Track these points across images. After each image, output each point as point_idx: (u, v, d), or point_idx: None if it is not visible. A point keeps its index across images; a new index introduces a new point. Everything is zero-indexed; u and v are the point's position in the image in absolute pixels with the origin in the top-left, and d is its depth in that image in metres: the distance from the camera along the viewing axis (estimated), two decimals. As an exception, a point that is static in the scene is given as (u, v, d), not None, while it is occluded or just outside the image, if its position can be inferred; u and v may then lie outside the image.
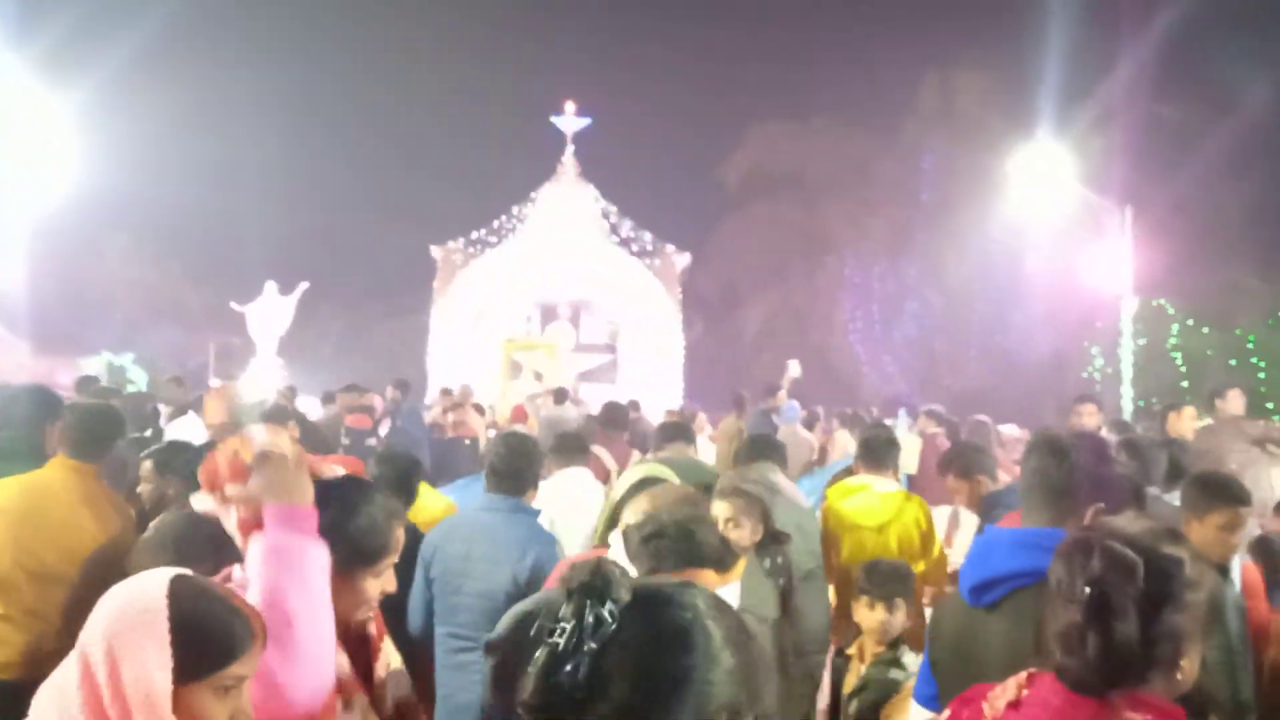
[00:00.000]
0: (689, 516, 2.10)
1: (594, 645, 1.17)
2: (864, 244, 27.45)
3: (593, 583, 1.20)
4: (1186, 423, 6.90)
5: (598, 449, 6.22)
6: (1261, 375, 20.96)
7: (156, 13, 25.65)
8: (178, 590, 1.47)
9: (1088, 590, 1.64)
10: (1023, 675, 1.78)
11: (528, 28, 43.67)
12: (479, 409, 12.08)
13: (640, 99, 35.94)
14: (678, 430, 5.39)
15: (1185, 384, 21.41)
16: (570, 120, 24.02)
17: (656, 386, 22.58)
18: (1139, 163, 22.46)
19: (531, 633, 1.21)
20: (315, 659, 1.69)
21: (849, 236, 27.80)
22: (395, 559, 2.10)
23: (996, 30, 28.47)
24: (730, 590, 2.03)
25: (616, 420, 7.17)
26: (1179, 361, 21.81)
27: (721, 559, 2.01)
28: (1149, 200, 20.33)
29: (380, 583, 2.07)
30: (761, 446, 5.10)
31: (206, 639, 1.46)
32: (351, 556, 1.99)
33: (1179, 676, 1.65)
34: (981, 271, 25.50)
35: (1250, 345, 21.58)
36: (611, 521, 3.33)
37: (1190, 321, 21.98)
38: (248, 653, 1.50)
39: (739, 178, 29.15)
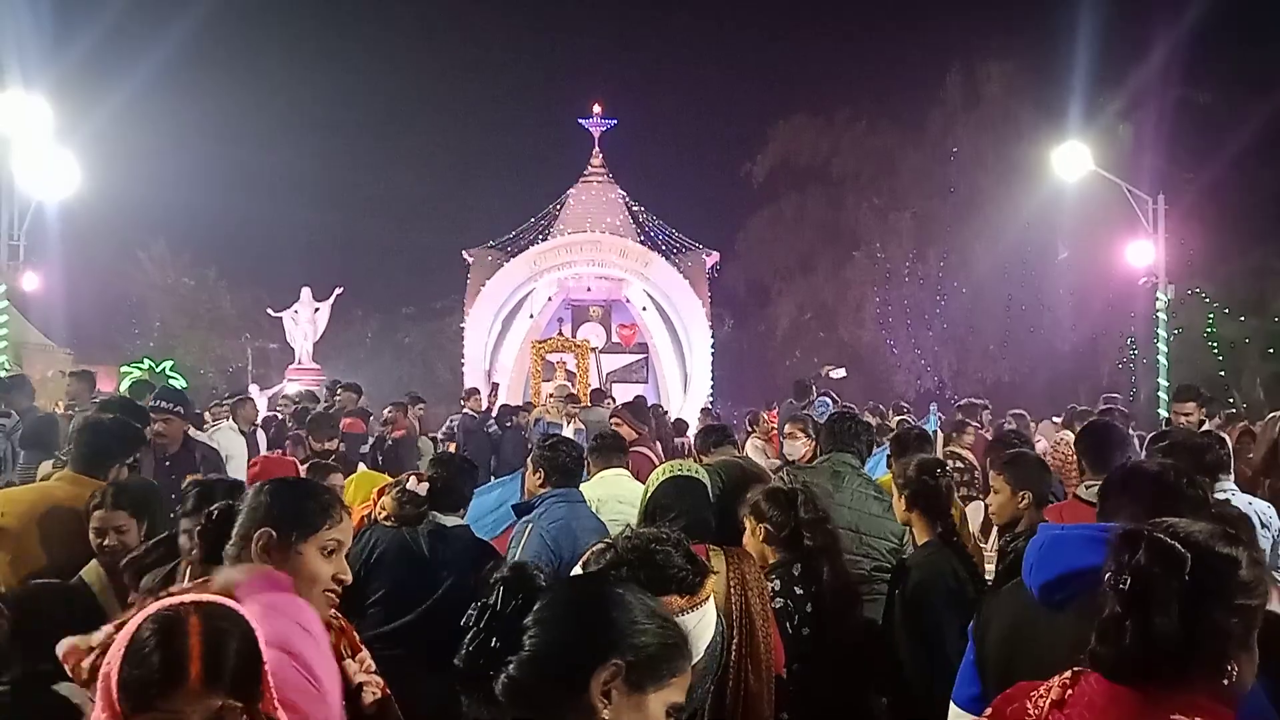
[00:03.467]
0: (646, 540, 2.10)
1: (508, 621, 1.50)
2: (892, 237, 27.30)
3: (510, 576, 1.56)
4: None
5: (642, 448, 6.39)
6: (1300, 362, 20.68)
7: (190, 21, 26.05)
8: (146, 621, 1.48)
9: (1129, 580, 1.63)
10: (1067, 674, 1.74)
11: (554, 30, 43.88)
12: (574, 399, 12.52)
13: (666, 98, 36.02)
14: (723, 434, 5.55)
15: (1222, 373, 21.20)
16: (597, 121, 24.18)
17: (687, 384, 22.70)
18: (1170, 149, 22.22)
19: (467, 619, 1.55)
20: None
21: (877, 230, 27.69)
22: (337, 533, 2.13)
23: (1022, 18, 28.25)
24: (701, 615, 2.00)
25: (642, 416, 7.39)
26: (1216, 350, 21.59)
27: (685, 581, 2.01)
28: (1181, 187, 20.13)
29: (332, 565, 2.10)
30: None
31: (134, 676, 1.44)
32: (288, 521, 2.07)
33: (1226, 682, 1.59)
34: (1012, 262, 25.33)
35: (1288, 332, 21.32)
36: (646, 516, 3.45)
37: (1226, 309, 21.74)
38: (175, 695, 1.44)
39: (765, 174, 29.11)
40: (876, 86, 29.40)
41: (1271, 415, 7.89)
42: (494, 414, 12.92)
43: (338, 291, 21.95)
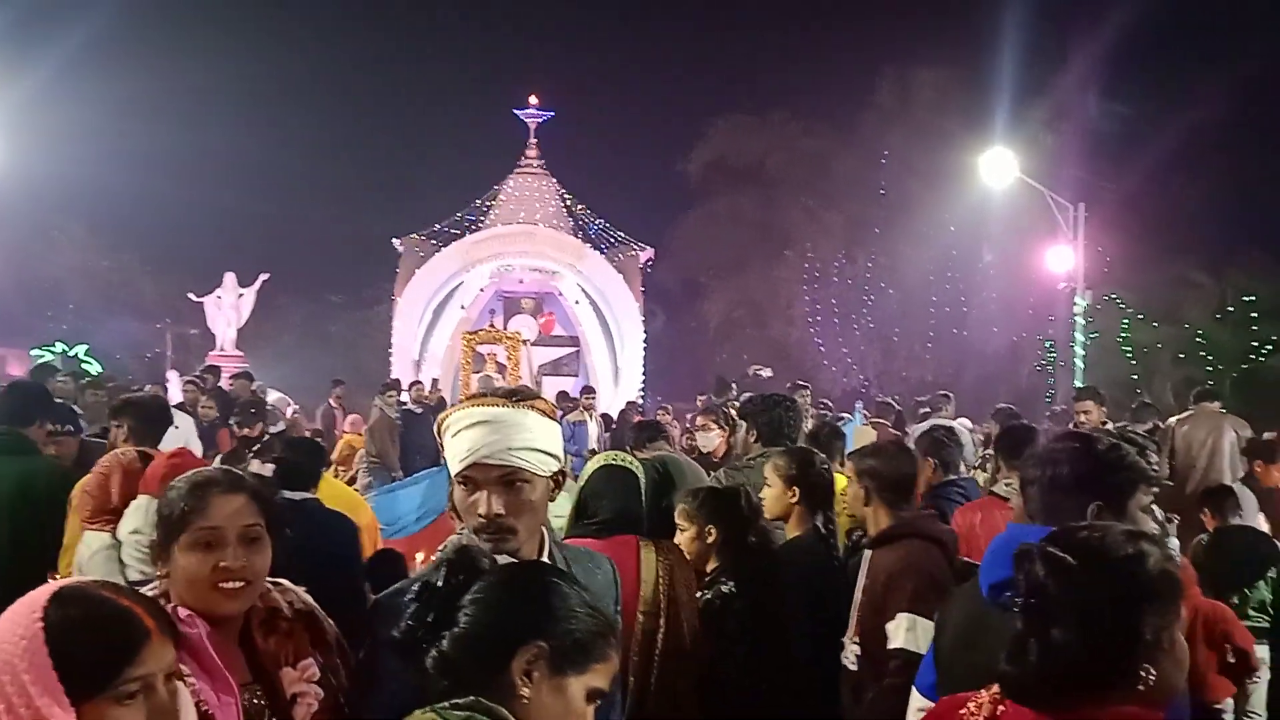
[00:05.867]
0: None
1: (446, 598, 1.62)
2: (823, 238, 27.66)
3: (455, 557, 1.68)
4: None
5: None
6: (1209, 369, 21.53)
7: (111, -2, 25.22)
8: (54, 608, 1.40)
9: (1027, 595, 1.62)
10: (995, 688, 1.70)
11: (492, 19, 43.48)
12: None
13: (603, 93, 35.95)
14: (657, 429, 5.67)
15: (1135, 377, 21.94)
16: (533, 113, 24.05)
17: (618, 378, 22.72)
18: (1092, 159, 22.89)
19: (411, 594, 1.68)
20: None
21: (808, 230, 28.01)
22: (210, 521, 1.94)
23: (953, 28, 28.78)
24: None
25: None
26: (1129, 355, 22.33)
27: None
28: (1101, 196, 20.77)
29: (211, 558, 1.89)
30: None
31: (89, 653, 1.38)
32: (162, 526, 1.99)
33: (1141, 688, 1.56)
34: (938, 266, 25.83)
35: (1199, 339, 22.14)
36: (576, 507, 3.46)
37: (1141, 316, 22.49)
38: (144, 651, 1.42)
39: (700, 172, 29.24)
40: (810, 89, 29.79)
41: (1168, 423, 8.16)
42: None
43: (263, 278, 21.49)
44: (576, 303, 23.14)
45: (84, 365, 18.32)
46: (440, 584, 1.64)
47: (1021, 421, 6.70)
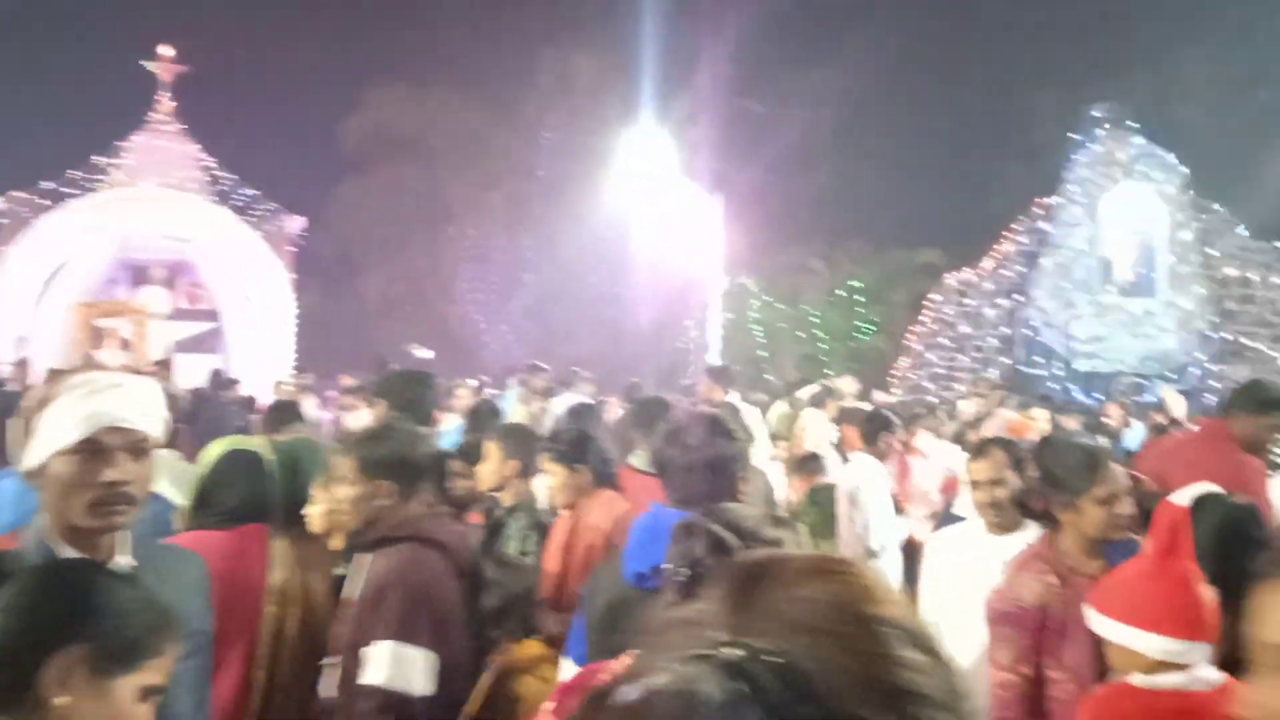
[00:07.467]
0: None
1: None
2: (484, 215, 27.82)
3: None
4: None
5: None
6: (822, 345, 24.34)
7: None
8: None
9: (686, 570, 1.73)
10: (629, 660, 1.82)
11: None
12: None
13: (251, 49, 33.46)
14: (293, 410, 5.55)
15: (764, 354, 24.26)
16: (166, 66, 21.97)
17: (265, 356, 21.47)
18: (727, 152, 24.88)
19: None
20: None
21: (469, 207, 28.03)
22: None
23: (610, 16, 29.92)
24: None
25: None
26: (759, 334, 24.65)
27: None
28: (735, 186, 22.68)
29: None
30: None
31: None
32: None
33: None
34: (592, 247, 26.89)
35: (814, 320, 24.93)
36: (199, 496, 3.31)
37: (768, 299, 24.90)
38: None
39: (358, 141, 28.19)
40: (473, 65, 29.66)
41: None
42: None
43: None
44: (216, 274, 21.54)
45: None
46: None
47: (652, 396, 7.25)
